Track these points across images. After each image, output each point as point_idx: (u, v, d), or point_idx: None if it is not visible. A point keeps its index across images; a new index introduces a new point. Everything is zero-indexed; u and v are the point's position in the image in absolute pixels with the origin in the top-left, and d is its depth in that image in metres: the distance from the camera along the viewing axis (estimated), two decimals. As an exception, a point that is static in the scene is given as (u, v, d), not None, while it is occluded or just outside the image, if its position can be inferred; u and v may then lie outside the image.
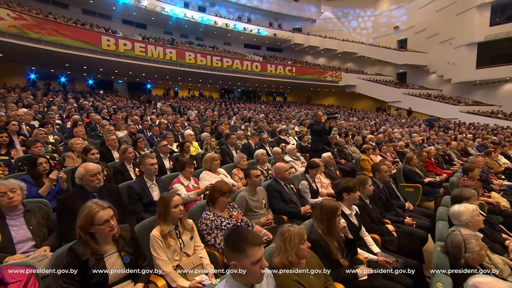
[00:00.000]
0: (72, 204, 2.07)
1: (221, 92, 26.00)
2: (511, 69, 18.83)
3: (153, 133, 5.35)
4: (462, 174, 4.19)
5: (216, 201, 2.23)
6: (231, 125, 9.75)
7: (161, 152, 3.82)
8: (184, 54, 17.85)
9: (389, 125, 12.94)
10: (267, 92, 30.14)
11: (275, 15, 28.47)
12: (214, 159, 3.41)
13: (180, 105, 14.38)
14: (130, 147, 3.45)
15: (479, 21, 19.54)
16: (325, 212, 2.03)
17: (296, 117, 14.66)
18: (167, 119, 7.49)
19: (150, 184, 2.65)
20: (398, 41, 26.18)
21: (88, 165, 2.23)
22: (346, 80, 25.60)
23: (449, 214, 2.28)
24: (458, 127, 14.27)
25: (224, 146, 4.93)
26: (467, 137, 10.25)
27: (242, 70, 21.06)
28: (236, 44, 27.07)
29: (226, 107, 16.34)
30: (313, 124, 5.73)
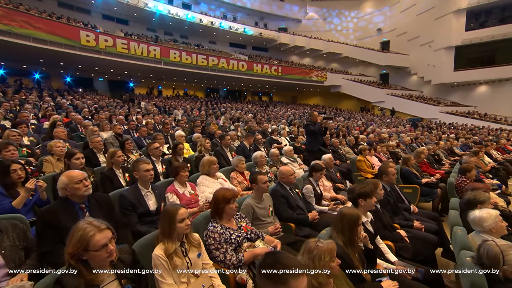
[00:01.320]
0: (55, 219, 1.77)
1: (206, 91, 25.52)
2: (485, 73, 19.93)
3: (140, 134, 4.99)
4: (459, 175, 4.20)
5: (222, 212, 2.00)
6: (220, 125, 9.46)
7: (152, 155, 3.52)
8: (168, 52, 17.28)
9: (376, 125, 13.13)
10: (253, 92, 29.97)
11: (261, 14, 28.34)
12: (212, 163, 3.17)
13: (165, 104, 13.87)
14: (119, 150, 3.13)
15: (456, 26, 20.40)
16: (347, 221, 1.85)
17: (285, 117, 14.59)
18: (154, 119, 7.10)
19: (145, 192, 2.37)
20: (381, 43, 26.87)
21: (71, 172, 1.92)
22: (331, 80, 25.92)
23: (469, 219, 2.18)
24: (439, 127, 14.75)
25: (219, 148, 4.67)
26: (450, 137, 10.58)
27: (228, 69, 20.74)
28: (221, 43, 26.69)
29: (212, 106, 15.98)
30: (309, 124, 5.59)
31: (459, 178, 4.09)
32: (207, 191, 3.00)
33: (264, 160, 3.98)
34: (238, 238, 1.95)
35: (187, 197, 2.73)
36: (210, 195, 2.94)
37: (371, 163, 5.37)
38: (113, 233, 1.28)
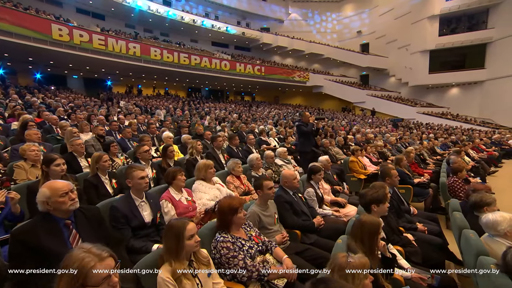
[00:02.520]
0: (34, 239, 1.50)
1: (188, 90, 24.91)
2: (456, 76, 21.14)
3: (124, 135, 4.63)
4: (451, 175, 4.27)
5: (230, 224, 1.81)
6: (206, 125, 9.17)
7: (142, 159, 3.23)
8: (149, 49, 16.62)
9: (359, 125, 13.38)
10: (235, 92, 29.72)
11: (243, 13, 28.13)
12: (209, 167, 2.95)
13: (146, 104, 13.29)
14: (105, 154, 2.83)
15: (430, 31, 21.39)
16: (368, 230, 1.73)
17: (270, 117, 14.50)
18: (137, 119, 6.69)
19: (139, 202, 2.11)
20: (361, 45, 27.61)
21: (54, 183, 1.65)
22: (313, 81, 26.25)
23: (482, 223, 2.14)
24: (418, 127, 15.34)
25: (210, 150, 4.44)
26: (430, 137, 10.99)
27: (211, 69, 20.36)
28: (203, 42, 26.19)
29: (196, 106, 15.56)
30: (301, 125, 5.49)
31: (451, 178, 4.16)
32: (205, 198, 2.78)
33: (260, 162, 3.81)
34: (251, 250, 1.76)
35: (183, 204, 2.50)
36: (208, 201, 2.74)
37: (363, 164, 5.37)
38: (116, 261, 1.05)
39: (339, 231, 2.77)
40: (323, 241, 2.51)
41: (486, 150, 9.67)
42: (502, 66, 18.76)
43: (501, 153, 10.16)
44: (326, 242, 2.49)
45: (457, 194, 4.00)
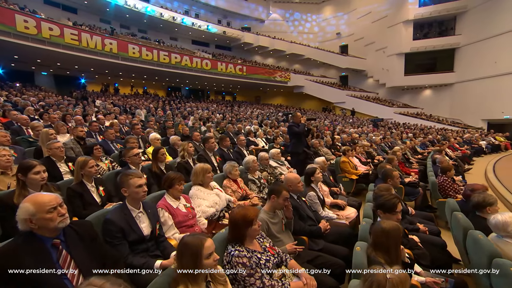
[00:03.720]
0: (17, 264, 1.25)
1: (167, 90, 24.14)
2: (428, 78, 22.32)
3: (107, 137, 4.28)
4: (440, 174, 4.38)
5: (244, 237, 1.64)
6: (190, 126, 8.86)
7: (131, 164, 2.95)
8: (127, 46, 15.85)
9: (342, 125, 13.63)
10: (216, 91, 29.29)
11: (224, 12, 27.78)
12: (207, 171, 2.76)
13: (125, 103, 12.64)
14: (91, 158, 2.54)
15: (405, 35, 22.38)
16: (393, 238, 1.65)
17: (253, 117, 14.38)
18: (119, 119, 6.27)
19: (136, 213, 1.89)
20: (340, 47, 28.29)
21: (39, 196, 1.40)
22: (294, 81, 26.49)
23: (491, 224, 2.14)
24: (397, 127, 15.92)
25: (202, 152, 4.22)
26: (409, 136, 11.41)
27: (192, 68, 19.87)
28: (183, 40, 25.53)
29: (177, 106, 15.07)
30: (292, 126, 5.40)
31: (441, 178, 4.26)
32: (204, 205, 2.59)
33: (257, 165, 3.67)
34: (268, 264, 1.61)
35: (182, 212, 2.29)
36: (207, 209, 2.55)
37: (354, 164, 5.39)
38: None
39: (343, 235, 2.72)
40: (331, 246, 2.42)
41: (459, 148, 10.19)
42: (468, 70, 20.07)
43: (472, 151, 10.78)
44: (334, 248, 2.40)
45: (447, 193, 4.10)
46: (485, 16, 18.77)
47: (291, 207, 2.25)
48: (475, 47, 19.66)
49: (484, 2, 18.91)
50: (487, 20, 18.60)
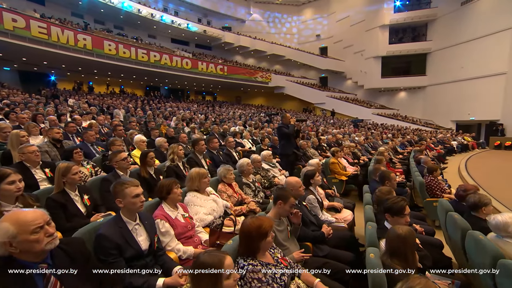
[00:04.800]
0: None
1: (146, 89, 23.27)
2: (403, 81, 23.38)
3: (87, 139, 3.94)
4: (427, 174, 4.51)
5: (258, 250, 1.52)
6: (172, 126, 8.55)
7: (119, 169, 2.71)
8: (102, 42, 15.05)
9: (324, 126, 13.84)
10: (196, 91, 28.74)
11: (205, 11, 27.33)
12: (203, 176, 2.60)
13: (101, 102, 11.96)
14: (74, 164, 2.28)
15: (382, 39, 23.28)
16: (410, 244, 1.60)
17: (236, 118, 14.22)
18: (98, 120, 5.85)
19: (133, 225, 1.69)
20: (320, 48, 28.85)
21: (20, 214, 1.18)
22: (275, 82, 26.63)
23: (491, 225, 2.18)
24: (375, 127, 16.47)
25: (191, 155, 4.01)
26: (388, 137, 11.80)
27: (172, 67, 19.34)
28: (162, 38, 24.78)
29: (157, 106, 14.53)
30: (282, 127, 5.34)
31: (428, 178, 4.39)
32: (201, 212, 2.43)
33: (252, 168, 3.54)
34: (283, 277, 1.50)
35: (181, 222, 2.11)
36: (205, 216, 2.40)
37: (343, 165, 5.43)
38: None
39: (345, 239, 2.67)
40: (335, 252, 2.35)
41: (435, 148, 10.71)
42: (438, 74, 21.30)
43: (445, 151, 11.38)
44: (339, 254, 2.34)
45: (434, 192, 4.23)
46: (453, 25, 20.04)
47: (300, 213, 2.15)
48: (444, 53, 20.89)
49: (451, 12, 20.19)
50: (454, 28, 19.87)
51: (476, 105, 18.37)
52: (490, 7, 17.64)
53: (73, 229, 2.02)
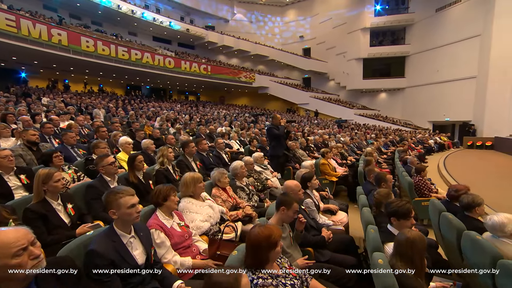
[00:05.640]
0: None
1: (126, 88, 22.45)
2: (383, 82, 24.18)
3: (66, 142, 3.65)
4: (415, 174, 4.61)
5: (267, 261, 1.42)
6: (156, 127, 8.26)
7: (106, 175, 2.51)
8: (79, 39, 14.28)
9: (309, 126, 13.96)
10: (179, 91, 28.17)
11: (188, 9, 26.81)
12: (198, 181, 2.46)
13: (79, 101, 11.34)
14: (56, 170, 2.07)
15: (363, 41, 23.93)
16: (418, 249, 1.57)
17: (222, 118, 14.03)
18: (78, 121, 5.48)
19: (128, 238, 1.54)
20: (303, 49, 29.21)
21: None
22: (259, 82, 26.63)
23: (488, 225, 2.22)
24: (358, 127, 16.85)
25: (181, 158, 3.84)
26: (372, 137, 12.10)
27: (154, 65, 18.78)
28: (143, 36, 24.01)
29: (139, 105, 14.02)
30: (272, 128, 5.28)
31: (416, 178, 4.48)
32: (198, 219, 2.29)
33: (245, 171, 3.43)
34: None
35: (177, 231, 1.97)
36: (202, 224, 2.27)
37: (333, 166, 5.45)
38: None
39: (344, 243, 2.63)
40: (337, 256, 2.31)
41: (415, 148, 11.11)
42: (416, 76, 22.24)
43: (424, 150, 11.85)
44: (340, 258, 2.29)
45: (422, 192, 4.32)
46: (428, 30, 20.99)
47: (303, 219, 2.08)
48: (421, 56, 21.83)
49: (427, 18, 21.15)
50: (430, 33, 20.83)
51: (451, 106, 19.34)
52: (461, 15, 18.68)
53: (56, 242, 1.84)
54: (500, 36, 15.88)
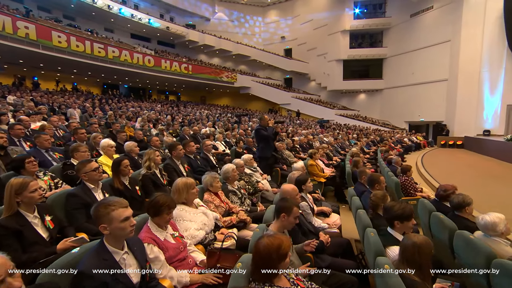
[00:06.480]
0: None
1: (103, 87, 21.43)
2: (363, 83, 24.93)
3: (40, 145, 3.33)
4: (401, 174, 4.73)
5: (277, 274, 1.33)
6: (137, 128, 7.91)
7: (89, 182, 2.29)
8: (50, 33, 13.37)
9: (292, 127, 14.03)
10: (159, 90, 27.39)
11: (167, 6, 26.09)
12: (191, 187, 2.32)
13: (50, 101, 10.62)
14: (32, 179, 1.85)
15: (343, 43, 24.51)
16: (425, 254, 1.55)
17: (204, 118, 13.75)
18: (51, 121, 5.06)
19: (121, 255, 1.38)
20: (285, 50, 29.43)
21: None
22: (241, 82, 26.50)
23: (479, 224, 2.27)
24: (339, 128, 17.22)
25: (169, 161, 3.66)
26: (354, 137, 12.38)
27: (132, 64, 18.09)
28: (120, 32, 23.06)
29: (117, 105, 13.41)
30: (260, 129, 5.20)
31: (402, 178, 4.59)
32: (192, 228, 2.16)
33: (237, 174, 3.32)
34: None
35: (171, 244, 1.82)
36: (197, 232, 2.14)
37: (321, 167, 5.46)
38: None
39: (342, 246, 2.60)
40: (337, 261, 2.27)
41: (395, 147, 11.50)
42: (393, 78, 23.14)
43: (403, 149, 12.31)
44: (340, 263, 2.25)
45: (409, 192, 4.43)
46: (404, 34, 21.95)
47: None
48: (398, 59, 22.75)
49: (403, 22, 22.09)
50: (405, 37, 21.79)
51: (425, 107, 20.31)
52: (433, 21, 19.69)
53: (33, 261, 1.64)
54: (467, 43, 16.96)
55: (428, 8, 19.96)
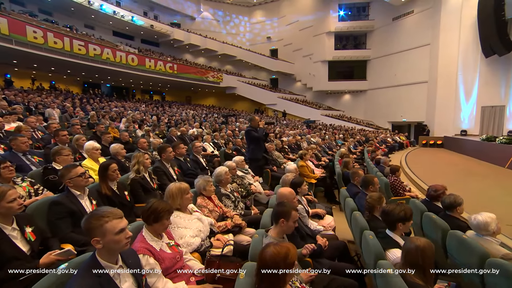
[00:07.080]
0: None
1: (83, 86, 20.59)
2: (347, 84, 25.44)
3: (17, 148, 3.10)
4: (390, 174, 4.80)
5: (285, 282, 1.28)
6: (122, 129, 7.63)
7: (76, 188, 2.13)
8: (24, 28, 12.64)
9: (279, 127, 14.06)
10: (143, 90, 26.72)
11: (151, 4, 25.46)
12: (185, 192, 2.23)
13: (25, 100, 10.04)
14: (10, 188, 1.69)
15: (328, 44, 24.90)
16: (428, 258, 1.54)
17: (190, 119, 13.52)
18: (28, 122, 4.75)
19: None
20: (271, 50, 29.53)
21: None
22: (227, 82, 26.33)
23: (473, 224, 2.31)
24: (325, 128, 17.44)
25: (158, 164, 3.51)
26: (340, 137, 12.57)
27: (115, 62, 17.51)
28: (102, 30, 22.26)
29: (99, 105, 12.90)
30: (251, 130, 5.13)
31: (391, 178, 4.66)
32: (188, 235, 2.06)
33: (230, 177, 3.24)
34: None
35: (168, 254, 1.72)
36: (192, 240, 2.05)
37: (311, 168, 5.47)
38: None
39: (339, 249, 2.58)
40: (336, 265, 2.23)
41: (380, 147, 11.78)
42: (376, 79, 23.77)
43: (387, 149, 12.64)
44: (339, 266, 2.22)
45: (398, 192, 4.51)
46: (386, 37, 22.62)
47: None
48: (380, 61, 23.39)
49: (385, 25, 22.75)
50: (388, 40, 22.45)
51: (407, 108, 21.00)
52: (414, 25, 20.40)
53: (11, 279, 1.49)
54: (446, 46, 17.69)
55: (409, 13, 20.64)
